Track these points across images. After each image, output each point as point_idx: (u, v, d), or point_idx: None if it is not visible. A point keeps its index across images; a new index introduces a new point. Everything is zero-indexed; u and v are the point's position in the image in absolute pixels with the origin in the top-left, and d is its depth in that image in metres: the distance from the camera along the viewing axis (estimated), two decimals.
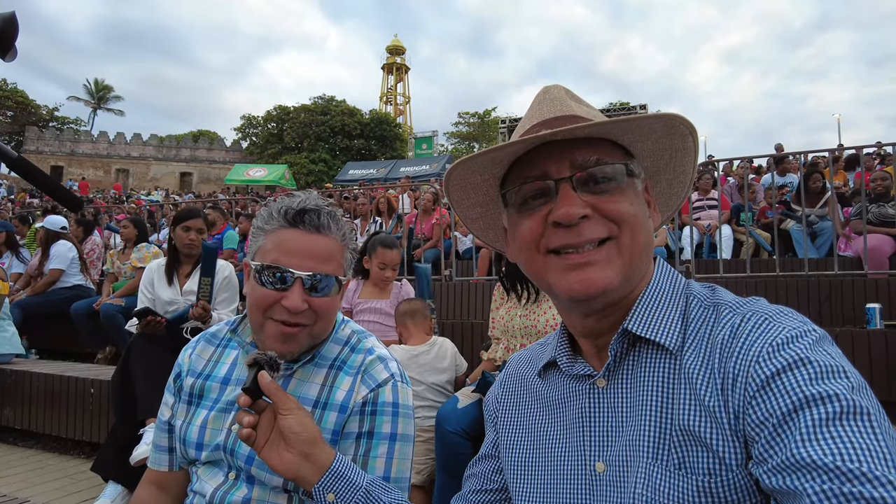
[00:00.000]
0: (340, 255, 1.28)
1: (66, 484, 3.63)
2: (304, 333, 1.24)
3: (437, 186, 10.31)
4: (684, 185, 0.96)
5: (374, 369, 1.31)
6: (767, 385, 0.68)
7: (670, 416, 0.77)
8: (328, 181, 34.34)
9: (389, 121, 51.02)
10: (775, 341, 0.71)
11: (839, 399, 0.63)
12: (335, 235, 1.27)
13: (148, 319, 3.34)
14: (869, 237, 5.22)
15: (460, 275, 6.64)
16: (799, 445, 0.62)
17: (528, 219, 0.85)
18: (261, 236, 1.26)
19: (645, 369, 0.82)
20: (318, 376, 1.31)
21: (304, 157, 43.82)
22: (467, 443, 2.45)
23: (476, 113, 55.60)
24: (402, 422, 1.29)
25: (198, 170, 48.85)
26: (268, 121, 49.09)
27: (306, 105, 48.18)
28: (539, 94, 0.94)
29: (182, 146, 50.08)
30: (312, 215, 1.24)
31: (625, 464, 0.80)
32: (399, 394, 1.30)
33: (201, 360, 1.43)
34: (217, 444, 1.29)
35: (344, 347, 1.36)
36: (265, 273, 1.21)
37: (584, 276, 0.80)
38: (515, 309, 2.89)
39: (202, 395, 1.37)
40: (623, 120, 0.79)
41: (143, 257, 5.49)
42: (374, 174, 28.54)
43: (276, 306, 1.20)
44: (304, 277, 1.20)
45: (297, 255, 1.21)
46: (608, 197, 0.81)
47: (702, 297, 0.86)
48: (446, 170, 0.92)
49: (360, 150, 45.58)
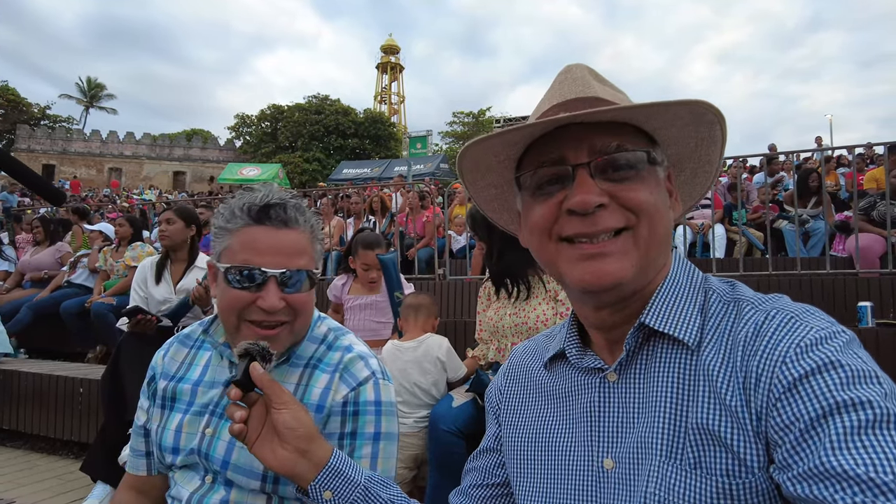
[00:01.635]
0: (311, 248, 1.25)
1: (54, 484, 3.59)
2: (286, 331, 1.21)
3: (432, 186, 10.31)
4: (709, 175, 0.92)
5: (355, 367, 1.28)
6: (795, 387, 0.65)
7: (686, 413, 0.74)
8: (322, 180, 34.24)
9: (384, 120, 50.94)
10: (803, 342, 0.68)
11: (872, 406, 0.60)
12: (303, 228, 1.23)
13: (138, 318, 3.30)
14: (861, 237, 5.25)
15: (454, 273, 6.61)
16: (829, 453, 0.59)
17: (542, 204, 0.81)
18: (225, 236, 1.21)
19: (660, 364, 0.79)
20: (292, 376, 1.28)
21: (299, 156, 43.67)
22: (461, 442, 2.43)
23: (471, 112, 55.46)
24: (385, 420, 1.26)
25: (191, 169, 48.65)
26: (261, 119, 48.96)
27: (300, 104, 48.02)
28: (561, 73, 0.89)
29: (175, 145, 49.89)
30: (278, 210, 1.19)
31: (635, 461, 0.77)
32: (381, 391, 1.27)
33: (174, 363, 1.39)
34: (192, 448, 1.26)
35: (320, 345, 1.33)
36: (235, 274, 1.16)
37: (597, 267, 0.76)
38: (505, 308, 2.86)
39: (175, 398, 1.34)
40: (647, 105, 0.74)
41: (137, 256, 5.43)
42: (368, 173, 28.42)
43: (251, 308, 1.17)
44: (278, 275, 1.17)
45: (267, 252, 1.17)
46: (627, 185, 0.77)
47: (721, 292, 0.82)
48: (440, 170, 0.89)
49: (354, 150, 45.47)
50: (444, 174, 23.90)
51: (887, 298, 4.49)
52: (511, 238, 3.23)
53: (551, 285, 2.75)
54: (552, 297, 2.74)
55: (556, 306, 2.72)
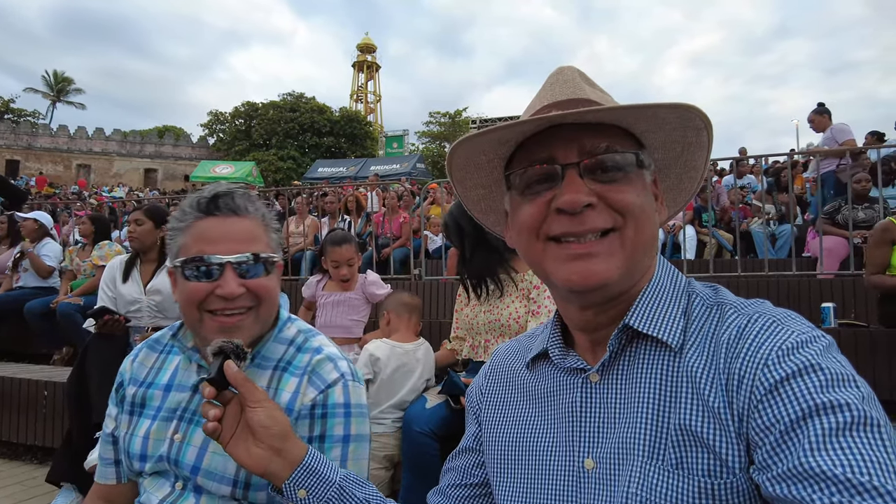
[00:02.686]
0: (265, 235, 1.24)
1: (16, 491, 3.50)
2: (250, 319, 1.19)
3: (407, 185, 10.29)
4: (694, 180, 0.93)
5: (323, 369, 1.25)
6: (776, 390, 0.67)
7: (669, 414, 0.75)
8: (297, 179, 33.87)
9: (360, 119, 50.61)
10: (785, 345, 0.70)
11: (850, 409, 0.62)
12: (254, 215, 1.23)
13: (105, 319, 3.22)
14: (825, 239, 5.41)
15: (430, 274, 6.62)
16: (807, 454, 0.61)
17: (530, 203, 0.81)
18: (178, 235, 1.20)
19: (642, 366, 0.80)
20: (261, 378, 1.25)
21: (273, 154, 43.09)
22: (435, 444, 2.43)
23: (447, 113, 55.47)
24: (355, 422, 1.24)
25: (163, 166, 47.72)
26: (235, 117, 48.19)
27: (275, 101, 47.39)
28: (552, 75, 0.90)
29: (146, 142, 48.85)
30: (226, 199, 1.19)
31: (616, 462, 0.78)
32: (351, 393, 1.25)
33: (143, 368, 1.37)
34: (161, 454, 1.24)
35: (289, 347, 1.30)
36: (190, 266, 1.15)
37: (584, 267, 0.77)
38: (479, 306, 2.92)
39: (144, 403, 1.31)
40: (635, 107, 0.75)
41: (105, 255, 5.31)
42: (343, 172, 28.18)
43: (210, 298, 1.15)
44: (233, 261, 1.16)
45: (220, 241, 1.16)
46: (615, 186, 0.78)
47: (704, 296, 0.84)
48: (416, 169, 0.89)
49: (329, 148, 45.08)
50: (420, 174, 23.83)
51: (849, 299, 4.64)
52: (480, 241, 3.22)
53: (523, 284, 2.81)
54: (524, 296, 2.80)
55: (528, 304, 2.78)
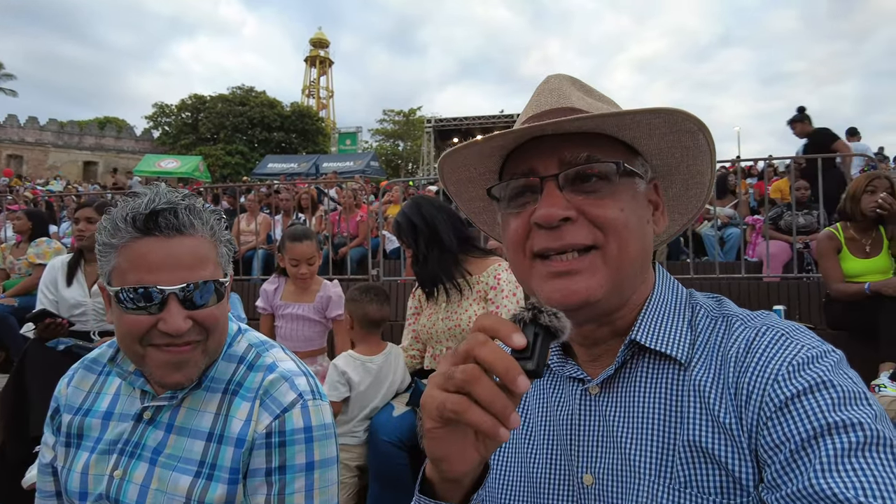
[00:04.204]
0: (214, 254, 1.11)
1: None
2: (198, 352, 1.09)
3: (362, 182, 10.16)
4: (703, 186, 0.89)
5: (277, 391, 1.13)
6: (786, 407, 0.65)
7: (676, 430, 0.73)
8: (245, 174, 33.05)
9: (311, 114, 49.81)
10: (795, 360, 0.69)
11: (863, 428, 0.61)
12: (202, 232, 1.08)
13: (46, 322, 3.03)
14: (770, 243, 5.63)
15: (388, 275, 6.53)
16: (819, 475, 0.59)
17: (515, 218, 0.80)
18: (112, 254, 1.04)
19: (645, 380, 0.78)
20: (211, 403, 1.14)
21: (221, 148, 41.95)
22: (403, 453, 2.38)
23: (401, 111, 55.32)
24: (318, 447, 1.13)
25: (104, 159, 45.45)
26: (182, 109, 46.57)
27: (224, 95, 46.12)
28: (540, 85, 0.88)
29: (86, 133, 46.40)
30: (168, 216, 1.03)
31: (618, 478, 0.75)
32: (311, 415, 1.13)
33: (80, 393, 1.23)
34: (100, 492, 1.11)
35: (239, 366, 1.18)
36: (128, 296, 1.02)
37: (564, 285, 0.75)
38: (437, 313, 2.85)
39: (81, 434, 1.18)
40: (615, 114, 0.73)
41: (43, 253, 5.01)
42: (295, 168, 27.64)
43: (152, 331, 1.04)
44: (178, 292, 1.03)
45: (161, 267, 1.02)
46: (596, 199, 0.75)
47: (708, 307, 0.82)
48: (370, 167, 0.85)
49: (279, 143, 44.21)
50: (374, 172, 23.62)
51: (794, 301, 4.84)
52: (434, 240, 3.15)
53: (479, 286, 2.77)
54: (482, 297, 2.75)
55: (487, 305, 2.73)
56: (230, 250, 1.17)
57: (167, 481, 1.09)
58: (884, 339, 3.48)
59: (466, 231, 2.89)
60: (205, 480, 1.09)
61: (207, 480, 1.09)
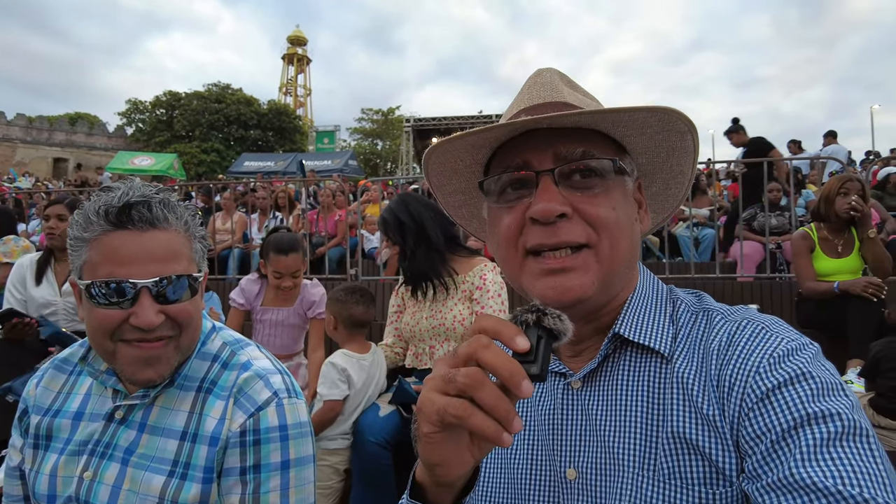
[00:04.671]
0: (188, 248, 1.10)
1: None
2: (170, 348, 1.07)
3: (340, 181, 10.09)
4: (682, 185, 0.91)
5: (252, 389, 1.12)
6: (767, 398, 0.67)
7: (660, 422, 0.74)
8: (221, 172, 32.54)
9: (289, 112, 49.30)
10: (776, 352, 0.70)
11: (841, 418, 0.62)
12: (175, 227, 1.07)
13: (14, 322, 2.94)
14: (744, 244, 5.74)
15: (367, 274, 6.51)
16: (798, 464, 0.61)
17: (507, 213, 0.79)
18: (83, 248, 1.03)
19: (627, 373, 0.79)
20: (184, 402, 1.13)
21: (196, 146, 41.19)
22: (388, 453, 2.38)
23: (380, 110, 55.10)
24: (294, 445, 1.12)
25: (75, 156, 44.31)
26: (156, 106, 45.62)
27: (199, 92, 45.28)
28: (531, 77, 0.88)
29: (56, 129, 45.15)
30: (141, 209, 1.03)
31: (601, 471, 0.76)
32: (287, 414, 1.12)
33: (49, 394, 1.20)
34: (69, 495, 1.09)
35: (213, 364, 1.17)
36: (100, 290, 1.01)
37: (558, 282, 0.75)
38: (421, 311, 2.84)
39: (51, 435, 1.16)
40: (613, 110, 0.74)
41: (11, 251, 4.84)
42: (272, 167, 27.31)
43: (123, 326, 1.02)
44: (151, 286, 1.02)
45: (134, 261, 1.01)
46: (591, 196, 0.76)
47: (689, 302, 0.84)
48: (349, 166, 0.84)
49: (256, 141, 43.61)
50: (352, 171, 23.45)
51: (766, 300, 4.95)
52: (423, 239, 3.13)
53: (464, 286, 2.76)
54: (467, 297, 2.75)
55: (472, 305, 2.72)
56: (205, 246, 1.16)
57: (139, 481, 1.08)
58: (852, 337, 3.58)
59: (453, 230, 2.89)
60: (178, 480, 1.07)
61: (181, 480, 1.08)
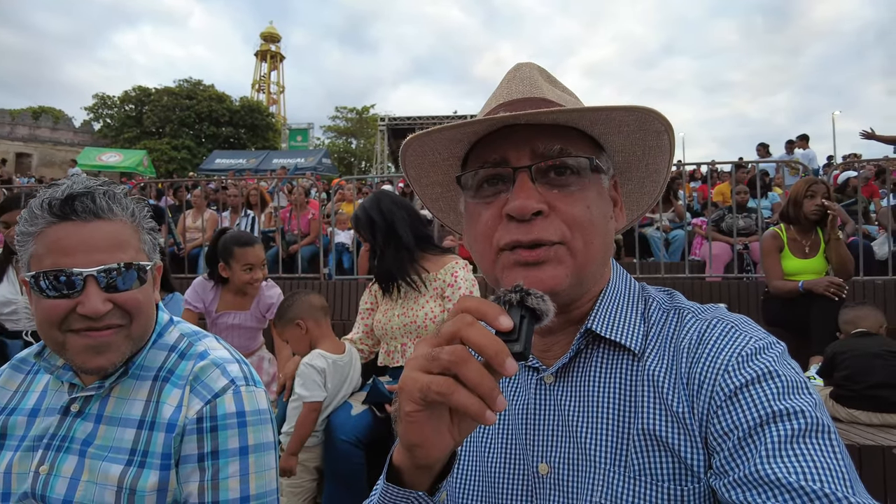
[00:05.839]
0: (135, 239, 1.10)
1: None
2: (121, 336, 1.07)
3: (313, 179, 10.00)
4: (657, 184, 0.92)
5: (208, 377, 1.14)
6: (735, 396, 0.68)
7: (630, 419, 0.75)
8: (192, 170, 31.99)
9: (261, 109, 48.75)
10: (744, 351, 0.72)
11: (805, 415, 0.64)
12: (121, 217, 1.09)
13: None
14: (713, 245, 5.86)
15: (339, 273, 6.46)
16: (763, 461, 0.62)
17: (485, 208, 0.79)
18: (29, 242, 1.04)
19: (599, 370, 0.80)
20: (141, 391, 1.13)
21: (166, 143, 40.49)
22: (360, 452, 2.36)
23: (354, 108, 54.89)
24: (252, 431, 1.13)
25: (39, 151, 42.96)
26: (125, 101, 44.67)
27: (170, 88, 44.48)
28: (509, 72, 0.87)
29: (18, 123, 43.73)
30: (85, 200, 1.04)
31: (572, 467, 0.77)
32: (244, 400, 1.13)
33: (6, 393, 1.20)
34: (24, 491, 1.08)
35: (170, 354, 1.18)
36: (45, 280, 1.01)
37: (532, 274, 0.75)
38: (392, 309, 2.84)
39: (5, 434, 1.15)
40: (591, 109, 0.74)
41: None
42: (243, 164, 26.90)
43: (71, 316, 1.03)
44: (96, 274, 1.02)
45: (78, 250, 1.02)
46: (567, 195, 0.76)
47: (660, 300, 0.85)
48: (322, 164, 0.83)
49: (228, 139, 43.04)
50: (326, 169, 23.24)
51: (734, 299, 5.06)
52: (391, 235, 3.12)
53: (436, 283, 2.77)
54: (438, 295, 2.76)
55: (444, 303, 2.73)
56: (155, 238, 1.17)
57: (97, 472, 1.07)
58: (814, 334, 3.70)
59: (425, 229, 2.89)
60: (136, 468, 1.07)
61: (139, 468, 1.07)
